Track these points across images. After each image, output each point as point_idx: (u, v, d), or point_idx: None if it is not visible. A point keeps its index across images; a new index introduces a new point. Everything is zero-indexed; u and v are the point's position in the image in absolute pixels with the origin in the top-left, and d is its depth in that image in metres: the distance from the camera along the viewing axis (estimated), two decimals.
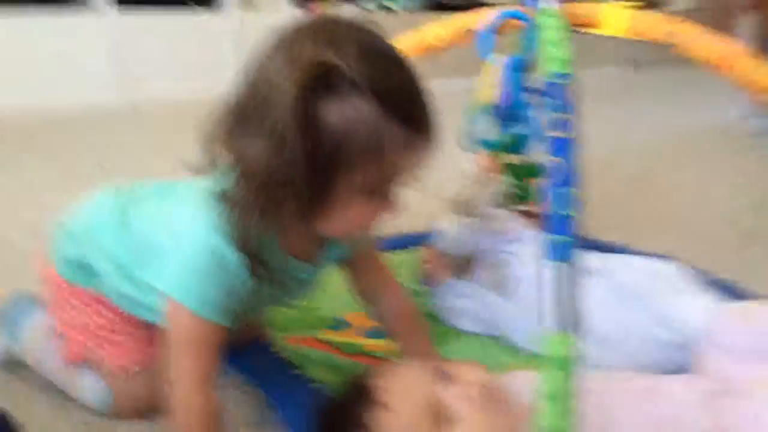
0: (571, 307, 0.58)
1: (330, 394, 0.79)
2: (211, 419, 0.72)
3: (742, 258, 1.41)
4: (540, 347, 0.57)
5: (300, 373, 0.92)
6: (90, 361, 0.85)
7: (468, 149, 1.03)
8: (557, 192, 0.63)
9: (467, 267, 1.13)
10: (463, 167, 1.02)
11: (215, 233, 0.68)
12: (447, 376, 0.70)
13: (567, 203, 0.62)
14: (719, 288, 1.03)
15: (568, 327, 0.58)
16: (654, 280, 0.96)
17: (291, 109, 0.60)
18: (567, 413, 0.55)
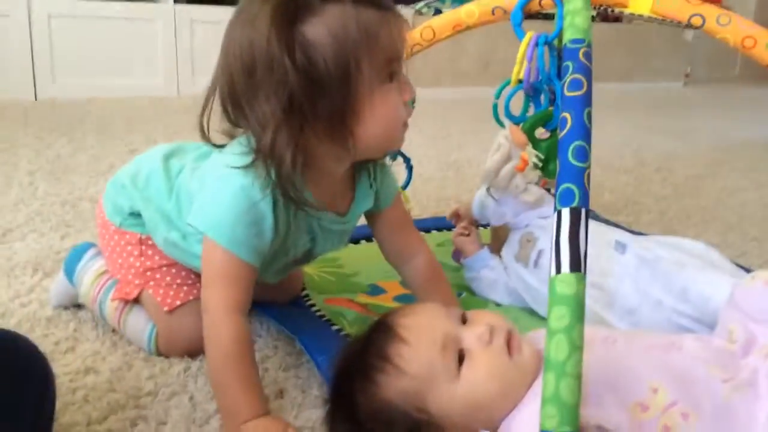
0: (579, 251, 0.62)
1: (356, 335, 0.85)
2: (240, 347, 0.76)
3: None
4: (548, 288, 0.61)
5: (332, 325, 0.99)
6: (139, 301, 0.93)
7: (501, 123, 1.09)
8: (568, 143, 0.68)
9: (498, 239, 1.18)
10: (499, 141, 1.06)
11: (245, 177, 0.75)
12: (464, 318, 0.75)
13: (577, 154, 0.67)
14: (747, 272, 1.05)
15: (574, 268, 0.61)
16: (684, 255, 0.99)
17: (279, 46, 0.69)
18: (574, 349, 0.58)
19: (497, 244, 1.18)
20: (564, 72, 0.74)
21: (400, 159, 1.18)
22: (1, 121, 2.38)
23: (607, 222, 1.37)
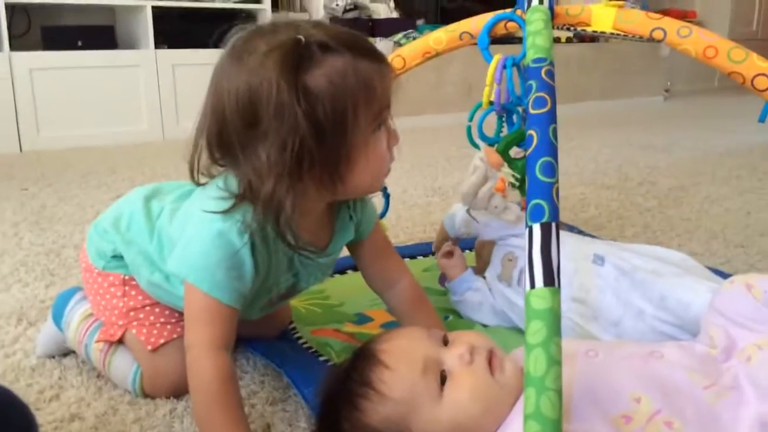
0: (551, 265, 0.63)
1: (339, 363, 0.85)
2: (223, 384, 0.75)
3: None
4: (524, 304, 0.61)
5: (319, 356, 0.99)
6: (123, 342, 0.93)
7: (476, 146, 1.10)
8: (535, 160, 0.69)
9: (481, 260, 1.18)
10: (475, 164, 1.07)
11: (223, 222, 0.76)
12: (446, 339, 0.75)
13: (544, 170, 0.68)
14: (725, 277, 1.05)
15: (548, 282, 0.62)
16: (659, 263, 1.00)
17: (290, 94, 0.69)
18: (552, 363, 0.58)
19: (481, 265, 1.18)
20: (528, 91, 0.76)
21: None
22: None
23: (586, 235, 1.38)
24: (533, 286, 0.61)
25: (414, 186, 2.16)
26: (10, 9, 2.83)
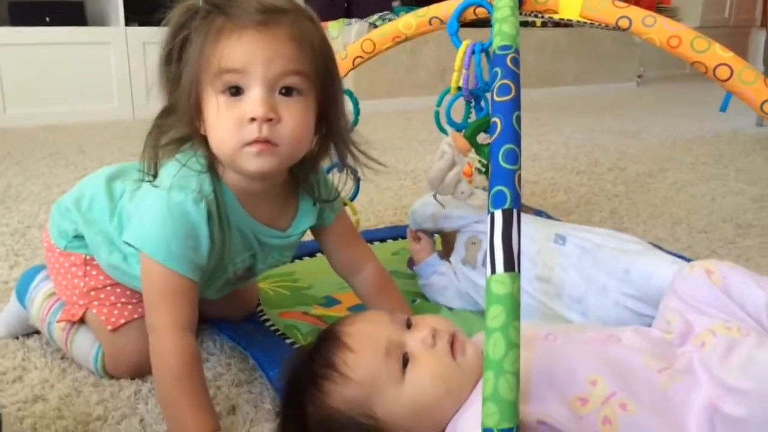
0: (512, 250, 0.64)
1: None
2: (186, 364, 0.76)
3: (735, 248, 1.46)
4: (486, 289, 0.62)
5: (285, 339, 0.99)
6: (85, 322, 0.93)
7: (444, 131, 1.11)
8: (498, 147, 0.70)
9: (447, 245, 1.19)
10: (443, 148, 1.08)
11: (179, 191, 0.77)
12: (409, 323, 0.76)
13: (507, 157, 0.69)
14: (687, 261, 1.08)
15: (509, 267, 0.63)
16: (619, 242, 1.02)
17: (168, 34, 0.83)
18: (511, 346, 0.59)
19: (447, 249, 1.19)
20: (493, 78, 0.77)
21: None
22: None
23: (552, 219, 1.40)
24: (494, 271, 0.61)
25: (385, 169, 2.16)
26: None
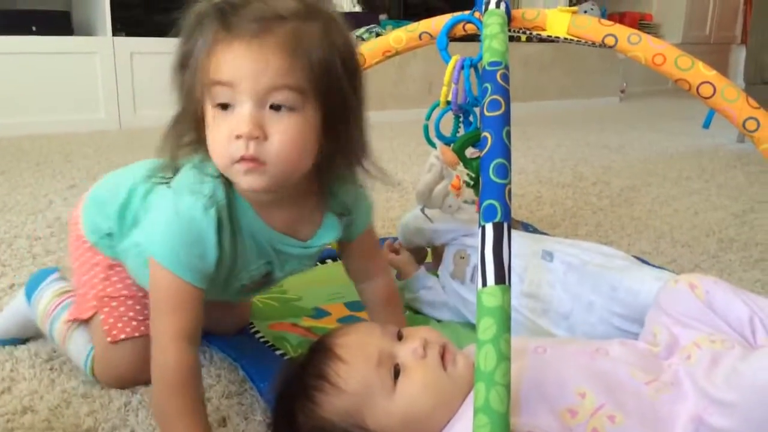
0: (503, 263, 0.65)
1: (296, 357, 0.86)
2: (183, 376, 0.75)
3: (717, 262, 1.48)
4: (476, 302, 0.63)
5: (275, 350, 0.99)
6: (89, 323, 0.93)
7: (432, 144, 1.12)
8: (489, 162, 0.71)
9: (438, 257, 1.20)
10: (431, 162, 1.09)
11: (190, 195, 0.76)
12: (400, 334, 0.77)
13: (497, 172, 0.70)
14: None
15: (499, 280, 0.64)
16: (605, 258, 1.03)
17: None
18: (501, 358, 0.60)
19: (438, 262, 1.20)
20: (483, 94, 0.78)
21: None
22: None
23: (539, 233, 1.42)
24: (485, 284, 0.63)
25: (373, 180, 2.17)
26: None
